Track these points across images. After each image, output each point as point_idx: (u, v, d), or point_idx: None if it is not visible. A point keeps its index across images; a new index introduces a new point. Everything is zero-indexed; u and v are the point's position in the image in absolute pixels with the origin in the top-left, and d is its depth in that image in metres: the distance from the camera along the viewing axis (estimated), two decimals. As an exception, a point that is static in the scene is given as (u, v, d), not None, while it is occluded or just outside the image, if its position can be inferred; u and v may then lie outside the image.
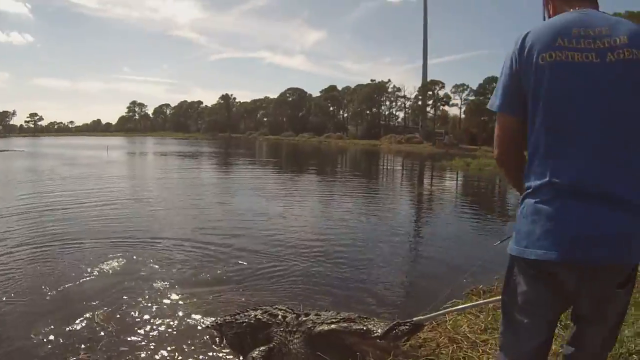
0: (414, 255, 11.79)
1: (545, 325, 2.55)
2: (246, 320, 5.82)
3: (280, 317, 5.58)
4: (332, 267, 9.92)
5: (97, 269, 9.50)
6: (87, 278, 8.98)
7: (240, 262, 10.17)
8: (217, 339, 6.11)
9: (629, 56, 2.26)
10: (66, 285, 8.50)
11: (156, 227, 13.92)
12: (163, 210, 17.16)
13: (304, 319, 5.28)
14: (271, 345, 5.32)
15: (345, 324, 4.97)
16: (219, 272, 9.47)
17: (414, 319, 4.87)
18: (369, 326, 4.88)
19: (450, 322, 5.47)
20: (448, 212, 18.98)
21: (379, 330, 4.77)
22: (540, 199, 2.33)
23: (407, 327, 4.70)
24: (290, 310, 5.74)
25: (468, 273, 7.03)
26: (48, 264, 9.92)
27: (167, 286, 8.54)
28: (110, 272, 9.39)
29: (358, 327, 4.90)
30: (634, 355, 4.00)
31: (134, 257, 10.39)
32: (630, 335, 4.29)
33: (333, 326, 5.00)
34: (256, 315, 5.77)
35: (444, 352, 4.76)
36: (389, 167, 48.80)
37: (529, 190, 2.40)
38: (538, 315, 2.50)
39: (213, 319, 6.67)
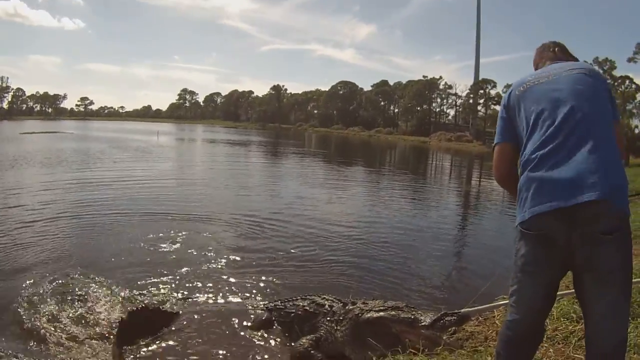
0: (458, 250, 11.90)
1: (543, 284, 3.03)
2: (293, 311, 5.94)
3: (327, 306, 5.67)
4: (377, 256, 10.10)
5: (147, 243, 9.97)
6: (138, 250, 9.48)
7: (289, 246, 10.44)
8: (266, 322, 6.20)
9: (579, 73, 3.18)
10: (116, 257, 8.99)
11: (207, 207, 14.38)
12: (213, 192, 17.82)
13: (351, 307, 5.39)
14: (318, 334, 5.42)
15: (393, 312, 5.06)
16: (268, 254, 9.77)
17: (461, 310, 4.96)
18: (417, 315, 4.96)
19: (498, 317, 5.43)
20: (495, 210, 18.86)
21: (426, 320, 4.84)
22: (526, 173, 2.97)
23: (454, 318, 4.77)
24: (337, 300, 5.80)
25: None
26: (102, 234, 10.62)
27: (218, 264, 8.91)
28: (160, 246, 9.81)
29: (406, 316, 4.98)
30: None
31: (185, 233, 10.80)
32: None
33: (381, 314, 5.09)
34: (304, 306, 5.87)
35: (491, 345, 4.72)
36: (437, 164, 48.45)
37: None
38: (537, 274, 2.99)
39: (263, 301, 6.86)
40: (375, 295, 6.86)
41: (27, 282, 7.49)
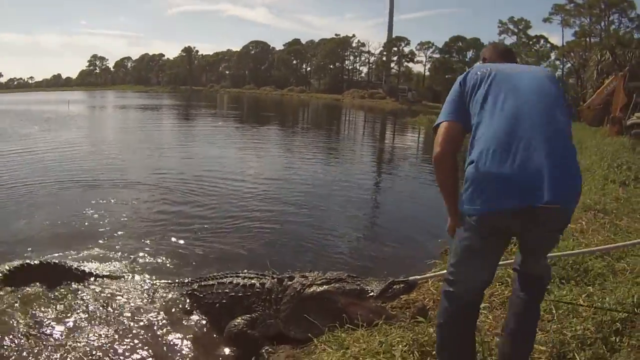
0: (377, 213, 11.62)
1: (489, 265, 3.20)
2: (217, 300, 5.26)
3: (258, 285, 5.17)
4: (296, 220, 9.84)
5: (59, 213, 9.61)
6: (49, 221, 9.08)
7: (204, 210, 10.15)
8: (187, 307, 5.45)
9: (541, 75, 3.21)
10: (23, 229, 8.65)
11: (120, 173, 14.03)
12: (125, 158, 17.26)
13: (289, 282, 5.01)
14: (254, 315, 4.95)
15: (338, 285, 4.79)
16: (181, 220, 9.47)
17: (410, 278, 4.79)
18: (363, 286, 4.72)
19: (432, 284, 5.49)
20: (410, 166, 18.93)
21: (374, 290, 4.62)
22: (482, 167, 2.85)
23: (403, 286, 4.58)
24: (262, 275, 5.37)
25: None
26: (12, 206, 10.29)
27: (129, 232, 8.55)
28: (71, 215, 9.43)
29: (351, 288, 4.73)
30: (617, 323, 4.02)
31: (94, 201, 10.45)
32: (613, 303, 4.31)
33: (325, 287, 4.79)
34: (227, 293, 5.23)
35: (432, 314, 4.66)
36: (351, 122, 48.55)
37: (472, 162, 2.93)
38: (484, 259, 3.13)
39: (181, 281, 5.99)
40: (297, 264, 6.73)
41: None
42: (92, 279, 6.05)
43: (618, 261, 5.57)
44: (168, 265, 7.11)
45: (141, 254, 7.43)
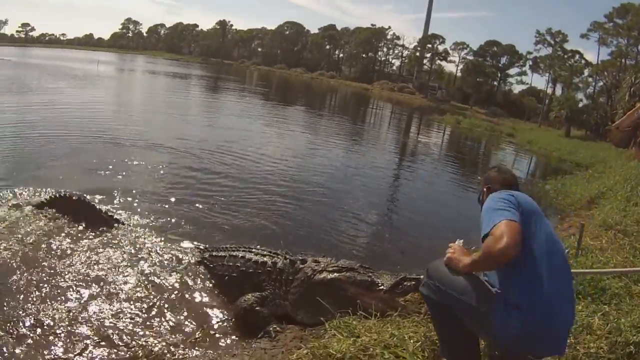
0: (400, 204, 11.60)
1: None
2: (227, 272, 5.34)
3: (269, 263, 5.19)
4: (312, 207, 9.62)
5: (78, 165, 9.82)
6: (70, 170, 9.37)
7: (221, 183, 10.09)
8: (196, 275, 5.56)
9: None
10: (45, 171, 9.04)
11: (140, 137, 13.85)
12: (148, 123, 17.30)
13: (301, 266, 5.01)
14: (264, 293, 4.98)
15: (349, 274, 4.77)
16: (198, 191, 9.33)
17: (422, 276, 4.52)
18: (374, 278, 4.71)
19: None
20: (434, 162, 18.85)
21: (385, 284, 4.61)
22: (528, 316, 3.03)
23: (414, 283, 4.53)
24: (275, 254, 5.37)
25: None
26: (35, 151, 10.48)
27: (143, 194, 8.47)
28: (90, 169, 9.61)
29: (363, 279, 4.72)
30: (631, 346, 3.96)
31: (111, 161, 10.42)
32: (628, 325, 4.22)
33: (336, 274, 4.79)
34: (238, 267, 5.29)
35: None
36: (377, 112, 48.34)
37: (517, 305, 3.07)
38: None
39: (194, 248, 6.15)
40: (311, 246, 6.77)
41: None
42: (119, 228, 6.47)
43: (635, 284, 5.51)
44: (183, 228, 7.18)
45: (156, 213, 7.54)
